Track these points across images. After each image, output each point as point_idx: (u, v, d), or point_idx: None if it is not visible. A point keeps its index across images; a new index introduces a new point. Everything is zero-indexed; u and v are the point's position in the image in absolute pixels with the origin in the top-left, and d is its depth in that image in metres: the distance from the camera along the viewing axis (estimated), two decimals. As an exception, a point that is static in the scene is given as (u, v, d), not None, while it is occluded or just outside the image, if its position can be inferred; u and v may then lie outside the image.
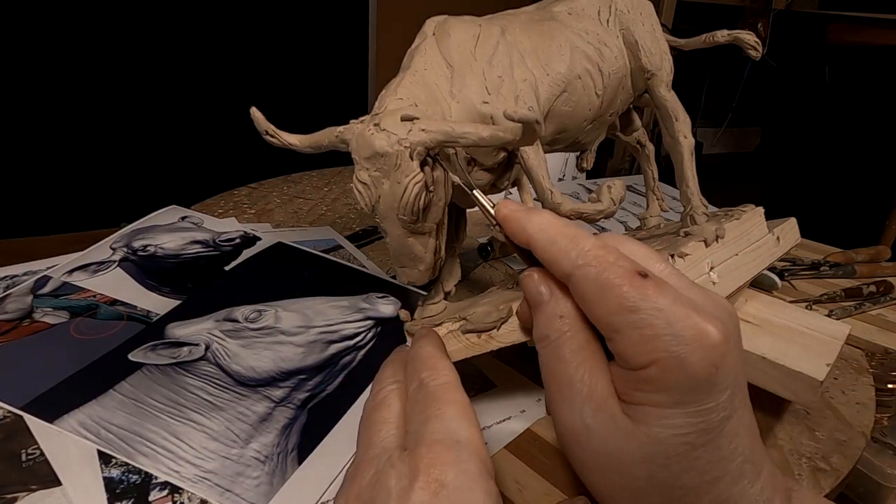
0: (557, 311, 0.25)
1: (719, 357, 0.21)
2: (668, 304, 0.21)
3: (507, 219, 0.26)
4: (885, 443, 0.47)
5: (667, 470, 0.22)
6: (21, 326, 0.40)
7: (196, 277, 0.47)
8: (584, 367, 0.24)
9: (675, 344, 0.21)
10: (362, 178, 0.28)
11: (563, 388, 0.24)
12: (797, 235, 0.46)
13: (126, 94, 1.39)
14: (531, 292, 0.26)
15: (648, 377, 0.21)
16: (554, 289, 0.25)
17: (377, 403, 0.26)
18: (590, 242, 0.23)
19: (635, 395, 0.22)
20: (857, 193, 1.61)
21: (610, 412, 0.23)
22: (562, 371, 0.24)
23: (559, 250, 0.24)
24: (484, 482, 0.21)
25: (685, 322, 0.21)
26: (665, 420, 0.21)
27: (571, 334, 0.24)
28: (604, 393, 0.23)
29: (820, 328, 0.39)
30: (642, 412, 0.22)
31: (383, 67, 1.71)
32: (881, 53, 1.51)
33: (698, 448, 0.21)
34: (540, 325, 0.25)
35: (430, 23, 0.35)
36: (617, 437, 0.22)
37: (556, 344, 0.24)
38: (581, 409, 0.23)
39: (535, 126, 0.25)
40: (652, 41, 0.41)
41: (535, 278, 0.26)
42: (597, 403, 0.23)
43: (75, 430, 0.32)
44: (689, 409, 0.21)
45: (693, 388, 0.21)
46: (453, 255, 0.38)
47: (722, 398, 0.21)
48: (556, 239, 0.24)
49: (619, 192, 0.33)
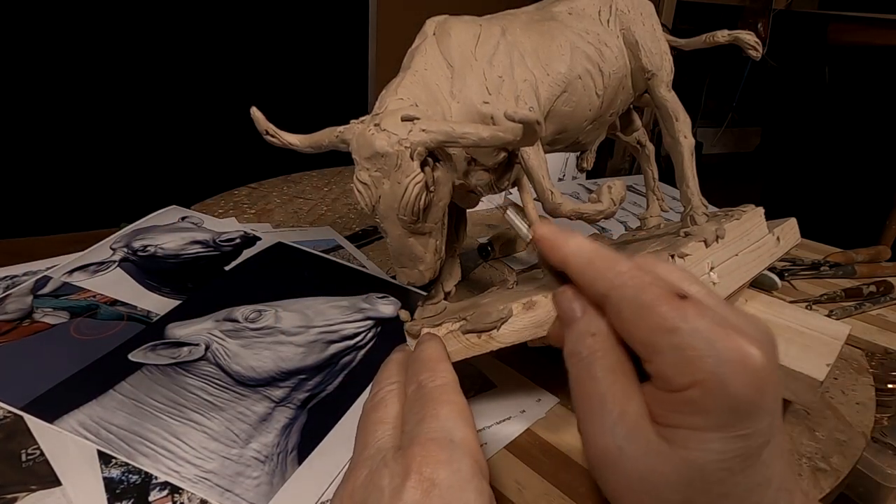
0: (590, 328, 0.24)
1: (763, 380, 0.20)
2: (709, 325, 0.21)
3: (543, 239, 0.26)
4: (885, 443, 0.47)
5: (704, 495, 0.21)
6: (21, 327, 0.40)
7: (196, 277, 0.47)
8: (617, 386, 0.23)
9: (718, 365, 0.20)
10: (362, 178, 0.28)
11: (594, 408, 0.24)
12: (797, 236, 0.46)
13: (126, 94, 1.39)
14: (564, 309, 0.26)
15: (689, 399, 0.21)
16: (587, 307, 0.25)
17: (375, 404, 0.26)
18: (626, 264, 0.24)
19: (673, 418, 0.22)
20: (857, 193, 1.61)
21: (644, 434, 0.22)
22: (593, 389, 0.24)
23: (596, 272, 0.24)
24: (477, 482, 0.21)
25: (728, 343, 0.21)
26: (704, 444, 0.21)
27: (603, 353, 0.24)
28: (637, 414, 0.23)
29: (820, 328, 0.39)
30: (680, 435, 0.21)
31: (383, 67, 1.71)
32: (881, 53, 1.51)
33: (737, 474, 0.21)
34: (571, 341, 0.25)
35: (430, 23, 0.35)
36: (651, 459, 0.22)
37: (587, 361, 0.24)
38: (613, 429, 0.23)
39: (536, 126, 0.25)
40: (652, 41, 0.41)
41: (568, 295, 0.26)
42: (630, 424, 0.22)
43: (75, 430, 0.32)
44: (730, 434, 0.20)
45: (735, 412, 0.20)
46: (453, 256, 0.38)
47: (763, 424, 0.21)
48: (592, 260, 0.24)
49: (619, 192, 0.33)
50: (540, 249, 0.27)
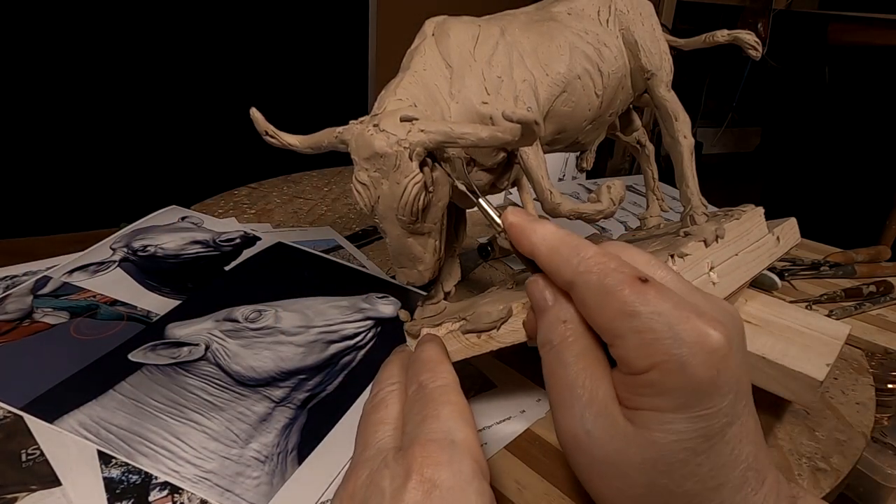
0: (560, 316, 0.25)
1: (721, 360, 0.21)
2: (669, 308, 0.21)
3: (512, 227, 0.26)
4: (885, 443, 0.47)
5: (668, 476, 0.21)
6: (21, 326, 0.40)
7: (196, 277, 0.47)
8: (586, 372, 0.24)
9: (676, 347, 0.21)
10: (362, 178, 0.28)
11: (564, 393, 0.24)
12: (797, 235, 0.46)
13: (126, 94, 1.39)
14: (535, 298, 0.26)
15: (650, 381, 0.21)
16: (557, 295, 0.25)
17: (375, 404, 0.26)
18: (591, 250, 0.24)
19: (637, 400, 0.22)
20: (857, 193, 1.61)
21: (611, 417, 0.23)
22: (563, 376, 0.24)
23: (561, 259, 0.24)
24: (477, 483, 0.22)
25: (686, 325, 0.21)
26: (666, 425, 0.21)
27: (574, 339, 0.24)
28: (605, 398, 0.23)
29: (820, 328, 0.39)
30: (644, 417, 0.22)
31: (383, 67, 1.71)
32: (881, 53, 1.51)
33: (700, 454, 0.21)
34: (543, 330, 0.25)
35: (429, 23, 0.35)
36: (618, 442, 0.22)
37: (558, 349, 0.24)
38: (582, 414, 0.23)
39: (534, 126, 0.25)
40: (652, 41, 0.41)
41: (539, 284, 0.26)
42: (598, 409, 0.23)
43: (75, 430, 0.32)
44: (691, 414, 0.21)
45: (694, 392, 0.21)
46: (453, 256, 0.38)
47: (724, 403, 0.21)
48: (558, 248, 0.25)
49: (618, 192, 0.33)
50: (510, 238, 0.27)
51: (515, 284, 0.36)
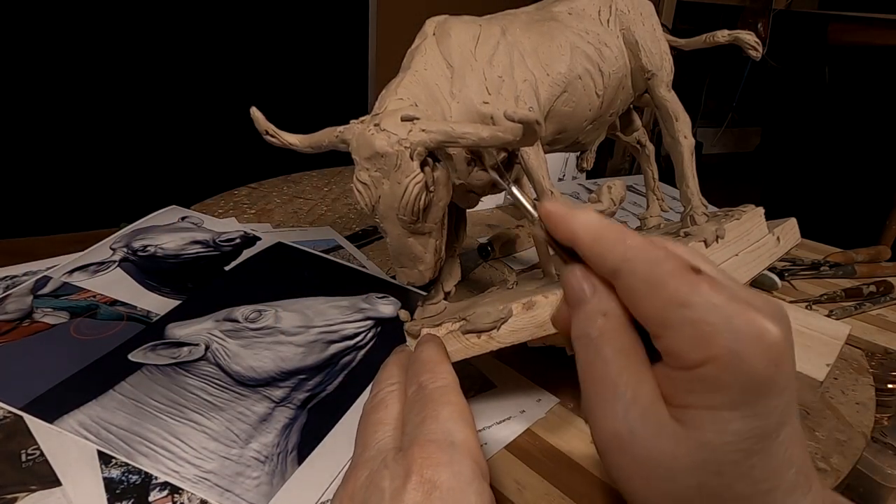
0: (601, 308, 0.23)
1: (779, 356, 0.20)
2: (724, 300, 0.20)
3: (551, 215, 0.25)
4: (885, 443, 0.47)
5: (719, 478, 0.20)
6: (21, 326, 0.40)
7: (196, 277, 0.47)
8: (629, 369, 0.22)
9: (734, 341, 0.19)
10: (362, 178, 0.28)
11: (605, 391, 0.23)
12: (797, 236, 0.46)
13: (126, 94, 1.39)
14: (573, 288, 0.24)
15: (703, 376, 0.20)
16: (598, 285, 0.24)
17: (375, 405, 0.26)
18: (638, 239, 0.23)
19: (687, 398, 0.21)
20: (857, 193, 1.61)
21: (657, 416, 0.21)
22: (604, 372, 0.23)
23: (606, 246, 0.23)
24: (477, 484, 0.21)
25: (743, 318, 0.20)
26: (720, 424, 0.20)
27: (615, 334, 0.23)
28: (650, 396, 0.22)
29: (820, 328, 0.39)
30: (694, 416, 0.21)
31: (383, 67, 1.71)
32: (881, 53, 1.51)
33: (753, 456, 0.20)
34: (580, 323, 0.24)
35: (430, 23, 0.35)
36: (664, 442, 0.21)
37: (597, 343, 0.23)
38: (626, 413, 0.22)
39: (536, 126, 0.25)
40: (652, 41, 0.41)
41: (577, 274, 0.24)
42: (643, 407, 0.22)
43: (75, 430, 0.32)
44: (747, 412, 0.20)
45: (752, 389, 0.20)
46: (453, 256, 0.38)
47: (780, 401, 0.20)
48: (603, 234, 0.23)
49: (619, 192, 0.33)
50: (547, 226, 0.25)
51: (516, 284, 0.36)
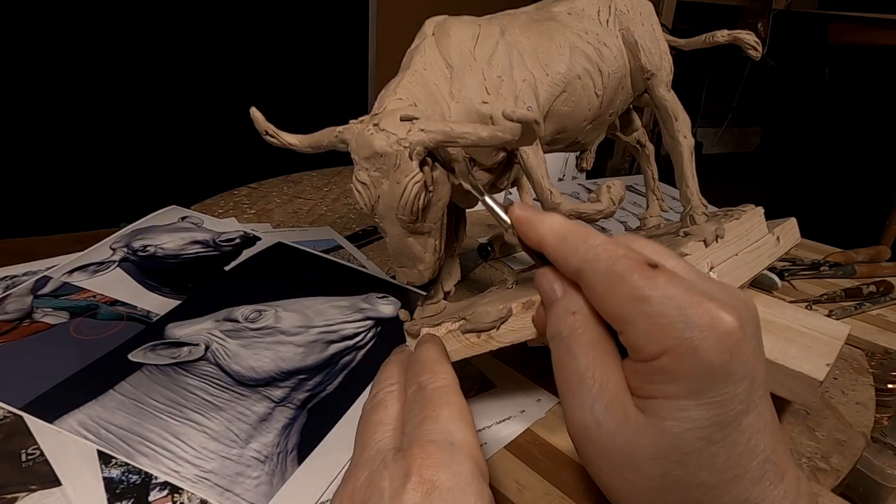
0: (570, 307, 0.24)
1: (734, 344, 0.20)
2: (680, 293, 0.21)
3: (519, 221, 0.26)
4: (885, 443, 0.47)
5: (682, 467, 0.21)
6: (21, 326, 0.40)
7: (196, 277, 0.47)
8: (596, 363, 0.23)
9: (688, 331, 0.20)
10: (361, 177, 0.28)
11: (574, 385, 0.23)
12: (797, 236, 0.46)
13: (126, 94, 1.39)
14: (544, 290, 0.26)
15: (661, 367, 0.21)
16: (566, 286, 0.25)
17: (375, 405, 0.26)
18: (599, 238, 0.24)
19: (649, 389, 0.22)
20: (857, 193, 1.61)
21: (622, 408, 0.22)
22: (573, 367, 0.24)
23: (569, 247, 0.24)
24: (477, 484, 0.21)
25: (697, 308, 0.20)
26: (679, 413, 0.21)
27: (583, 330, 0.24)
28: (616, 389, 0.23)
29: (820, 328, 0.38)
30: (656, 406, 0.21)
31: (383, 67, 1.71)
32: (881, 53, 1.51)
33: (715, 443, 0.20)
34: (552, 322, 0.25)
35: (429, 23, 0.35)
36: (630, 433, 0.22)
37: (567, 340, 0.24)
38: (592, 405, 0.23)
39: (534, 126, 0.25)
40: (651, 41, 0.41)
41: (548, 276, 0.26)
42: (608, 399, 0.22)
43: (75, 430, 0.32)
44: (704, 400, 0.20)
45: (707, 377, 0.20)
46: (453, 255, 0.38)
47: (738, 389, 0.20)
48: (565, 236, 0.24)
49: (618, 192, 0.33)
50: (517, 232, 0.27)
51: (516, 284, 0.36)
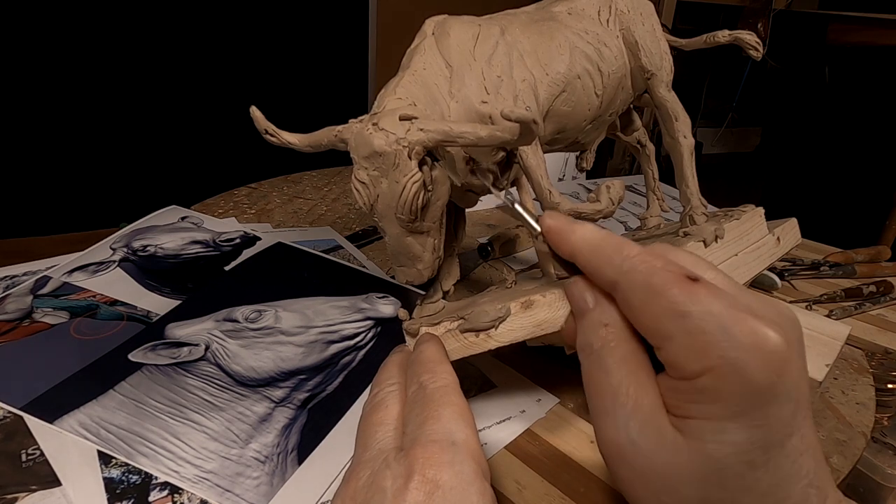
0: (602, 319, 0.23)
1: (781, 364, 0.19)
2: (722, 309, 0.20)
3: (551, 230, 0.25)
4: (885, 443, 0.47)
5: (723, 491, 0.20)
6: (21, 326, 0.40)
7: (196, 277, 0.47)
8: (630, 378, 0.22)
9: (732, 350, 0.19)
10: (361, 177, 0.28)
11: (606, 401, 0.23)
12: (798, 236, 0.46)
13: (126, 94, 1.39)
14: (575, 300, 0.25)
15: (703, 387, 0.20)
16: (599, 297, 0.24)
17: (375, 405, 0.26)
18: (636, 249, 0.23)
19: (688, 408, 0.20)
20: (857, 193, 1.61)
21: (658, 427, 0.21)
22: (605, 382, 0.23)
23: (604, 258, 0.23)
24: (479, 483, 0.21)
25: (741, 326, 0.19)
26: (721, 435, 0.19)
27: (616, 344, 0.23)
28: (651, 406, 0.21)
29: (820, 328, 0.39)
30: (695, 427, 0.20)
31: (383, 67, 1.71)
32: (881, 53, 1.51)
33: (758, 468, 0.19)
34: (583, 333, 0.24)
35: (429, 22, 0.35)
36: (666, 454, 0.21)
37: (599, 353, 0.23)
38: (626, 423, 0.22)
39: (533, 126, 0.25)
40: (652, 41, 0.41)
41: (579, 286, 0.25)
42: (644, 417, 0.21)
43: (75, 430, 0.32)
44: (748, 423, 0.19)
45: (752, 399, 0.19)
46: (452, 255, 0.38)
47: (784, 411, 0.19)
48: (600, 247, 0.24)
49: (617, 191, 0.33)
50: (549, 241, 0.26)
51: (515, 284, 0.36)
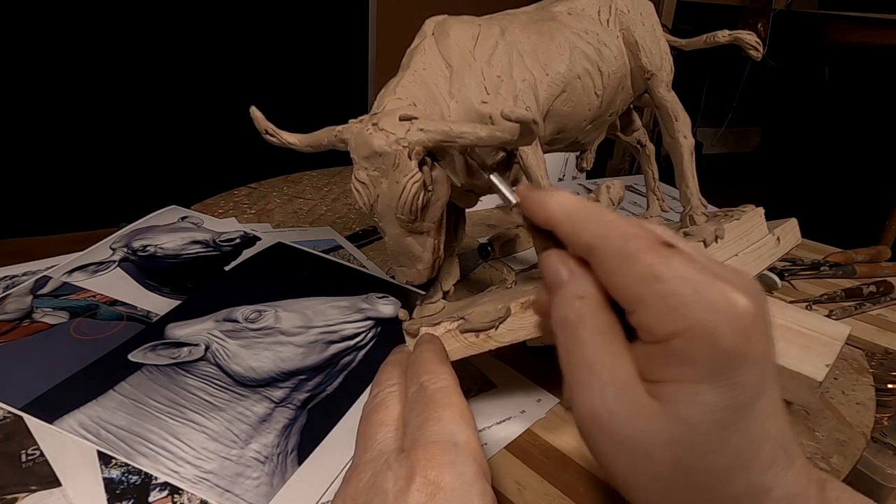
0: (577, 291, 0.23)
1: (750, 326, 0.20)
2: (695, 273, 0.20)
3: (527, 198, 0.25)
4: (885, 443, 0.47)
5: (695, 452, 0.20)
6: (21, 326, 0.40)
7: (196, 277, 0.47)
8: (605, 348, 0.22)
9: (703, 312, 0.20)
10: (361, 177, 0.28)
11: (582, 373, 0.22)
12: (798, 236, 0.46)
13: (126, 94, 1.39)
14: (549, 272, 0.25)
15: (675, 350, 0.20)
16: (574, 268, 0.24)
17: (375, 406, 0.26)
18: (613, 215, 0.23)
19: (660, 372, 0.21)
20: (857, 193, 1.61)
21: (633, 394, 0.21)
22: (581, 354, 0.23)
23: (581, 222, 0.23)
24: (480, 485, 0.21)
25: (713, 290, 0.20)
26: (693, 396, 0.20)
27: (591, 315, 0.23)
28: (626, 375, 0.22)
29: (820, 329, 0.38)
30: (668, 390, 0.21)
31: (383, 67, 1.71)
32: (881, 53, 1.51)
33: (728, 428, 0.20)
34: (558, 307, 0.24)
35: (429, 23, 0.35)
36: (641, 419, 0.21)
37: (574, 326, 0.23)
38: (602, 392, 0.22)
39: (533, 126, 0.25)
40: (652, 41, 0.41)
41: (553, 258, 0.25)
42: (620, 385, 0.22)
43: (75, 430, 0.32)
44: (719, 384, 0.20)
45: (722, 360, 0.20)
46: (452, 255, 0.38)
47: (753, 372, 0.20)
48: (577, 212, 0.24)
49: (617, 192, 0.33)
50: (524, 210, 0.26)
51: (515, 284, 0.36)
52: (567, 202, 0.24)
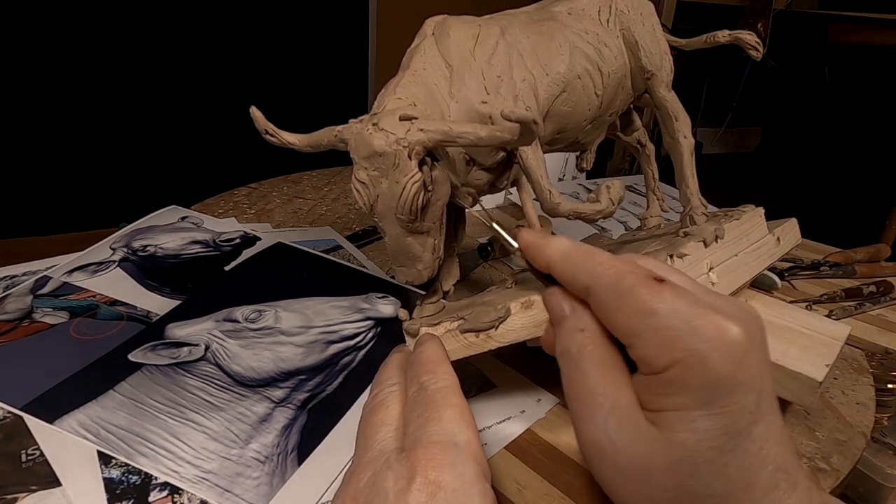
0: (578, 324, 0.25)
1: (742, 354, 0.21)
2: (686, 305, 0.21)
3: (528, 245, 0.28)
4: (885, 443, 0.47)
5: (695, 478, 0.21)
6: (21, 326, 0.40)
7: (196, 277, 0.47)
8: (606, 379, 0.23)
9: (695, 342, 0.21)
10: (361, 177, 0.28)
11: (585, 402, 0.24)
12: (798, 236, 0.46)
13: (126, 94, 1.39)
14: (552, 308, 0.27)
15: (671, 379, 0.21)
16: (575, 304, 0.26)
17: (375, 406, 0.26)
18: (605, 256, 0.25)
19: (659, 401, 0.22)
20: (857, 193, 1.61)
21: (634, 422, 0.22)
22: (583, 385, 0.24)
23: (576, 264, 0.25)
24: (480, 485, 0.22)
25: (704, 320, 0.21)
26: (690, 423, 0.21)
27: (592, 347, 0.24)
28: (627, 404, 0.23)
29: (820, 328, 0.38)
30: (667, 418, 0.21)
31: (383, 67, 1.71)
32: (881, 53, 1.51)
33: (726, 453, 0.21)
34: (562, 340, 0.26)
35: (429, 23, 0.35)
36: (642, 447, 0.22)
37: (577, 357, 0.24)
38: (605, 422, 0.23)
39: (533, 126, 0.25)
40: (652, 41, 0.41)
41: (556, 295, 0.27)
42: (621, 414, 0.23)
43: (75, 430, 0.32)
44: (714, 411, 0.21)
45: (716, 387, 0.20)
46: (452, 255, 0.38)
47: (747, 399, 0.21)
48: (573, 255, 0.25)
49: (617, 192, 0.33)
50: (526, 256, 0.28)
51: (515, 284, 0.36)
52: (563, 247, 0.26)
